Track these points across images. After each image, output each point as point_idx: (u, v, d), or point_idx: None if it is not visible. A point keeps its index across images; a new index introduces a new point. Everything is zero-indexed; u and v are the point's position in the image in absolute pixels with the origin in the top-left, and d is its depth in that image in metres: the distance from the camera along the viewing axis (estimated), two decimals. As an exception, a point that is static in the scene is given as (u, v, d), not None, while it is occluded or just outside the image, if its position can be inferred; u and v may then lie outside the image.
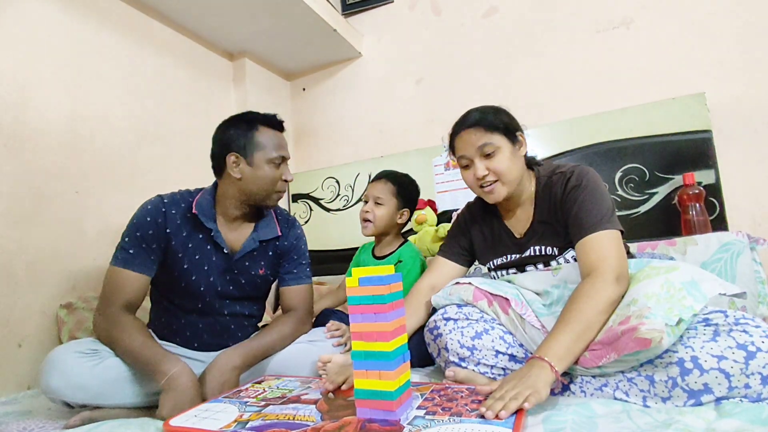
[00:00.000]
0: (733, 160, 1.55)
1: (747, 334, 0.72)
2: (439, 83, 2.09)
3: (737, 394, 0.70)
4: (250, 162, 1.09)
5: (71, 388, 0.89)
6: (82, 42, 1.51)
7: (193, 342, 1.11)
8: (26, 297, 1.28)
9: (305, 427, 0.68)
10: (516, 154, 1.03)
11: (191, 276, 1.08)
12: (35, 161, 1.34)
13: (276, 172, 1.11)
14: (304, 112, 2.43)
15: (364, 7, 2.25)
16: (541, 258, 1.04)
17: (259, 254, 1.16)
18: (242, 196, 1.11)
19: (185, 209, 1.10)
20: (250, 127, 1.10)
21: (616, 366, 0.79)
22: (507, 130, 1.02)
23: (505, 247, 1.10)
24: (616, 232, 0.93)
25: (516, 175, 1.02)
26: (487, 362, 0.95)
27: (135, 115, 1.65)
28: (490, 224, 1.14)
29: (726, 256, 1.23)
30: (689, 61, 1.64)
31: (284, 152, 1.13)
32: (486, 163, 1.01)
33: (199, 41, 1.99)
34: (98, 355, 0.95)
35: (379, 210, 1.39)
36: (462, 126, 1.04)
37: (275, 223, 1.20)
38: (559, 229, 1.01)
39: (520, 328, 0.95)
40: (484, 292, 1.00)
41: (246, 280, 1.15)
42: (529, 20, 1.91)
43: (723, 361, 0.71)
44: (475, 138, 1.01)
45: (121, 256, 1.03)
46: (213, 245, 1.10)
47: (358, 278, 0.72)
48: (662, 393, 0.75)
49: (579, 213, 0.95)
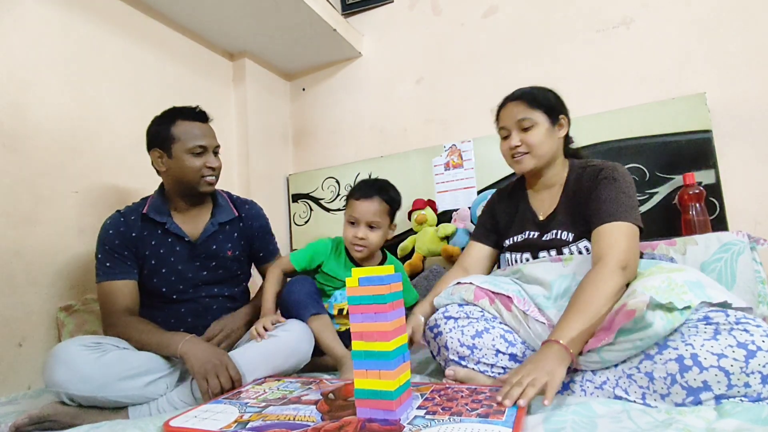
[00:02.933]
0: (733, 160, 1.55)
1: (747, 333, 0.71)
2: (439, 83, 2.09)
3: (737, 393, 0.70)
4: (170, 155, 1.17)
5: (76, 380, 0.90)
6: (82, 42, 1.51)
7: (179, 327, 1.15)
8: (26, 297, 1.28)
9: (305, 427, 0.68)
10: (552, 133, 1.09)
11: (161, 269, 1.17)
12: (35, 161, 1.34)
13: (198, 161, 1.17)
14: (304, 112, 2.43)
15: (364, 7, 2.25)
16: (556, 242, 1.06)
17: (224, 237, 1.25)
18: (178, 187, 1.20)
19: (140, 212, 1.19)
20: (168, 121, 1.18)
21: (616, 353, 0.79)
22: (549, 110, 1.08)
23: (528, 225, 1.13)
24: (633, 226, 0.95)
25: (546, 150, 1.08)
26: (487, 361, 0.95)
27: (135, 115, 1.65)
28: (516, 204, 1.19)
29: (726, 256, 1.23)
30: (689, 61, 1.64)
31: (203, 141, 1.18)
32: (522, 135, 1.08)
33: (199, 41, 1.99)
34: (101, 348, 0.97)
35: (374, 235, 1.26)
36: (508, 99, 1.13)
37: (230, 206, 1.29)
38: (578, 218, 1.04)
39: (524, 324, 0.96)
40: (485, 291, 1.00)
41: (216, 263, 1.23)
42: (529, 20, 1.91)
43: (723, 359, 0.71)
44: (516, 111, 1.09)
45: (101, 271, 1.13)
46: (173, 237, 1.19)
47: (358, 278, 0.72)
48: (661, 390, 0.75)
49: (601, 202, 0.99)
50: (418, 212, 1.88)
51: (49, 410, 0.93)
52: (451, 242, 1.82)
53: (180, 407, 0.97)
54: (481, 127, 1.92)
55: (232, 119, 2.13)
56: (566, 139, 1.15)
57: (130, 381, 0.95)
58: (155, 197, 1.22)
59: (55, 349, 0.94)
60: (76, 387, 0.90)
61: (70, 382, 0.90)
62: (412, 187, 2.02)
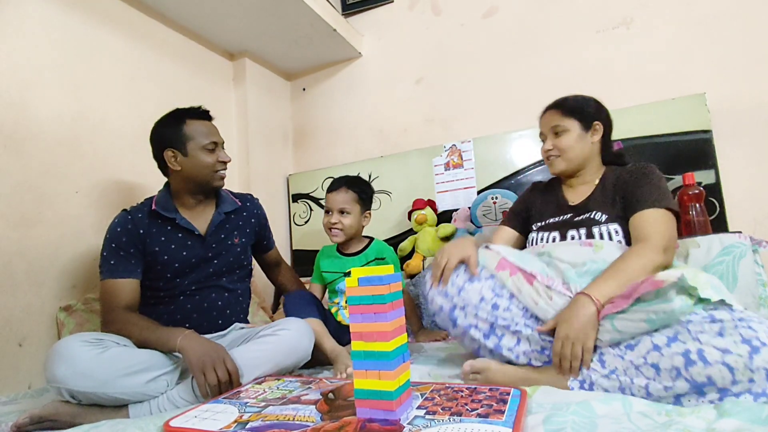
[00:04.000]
0: (733, 160, 1.55)
1: (752, 329, 0.73)
2: (438, 83, 2.09)
3: (741, 389, 0.71)
4: (185, 153, 1.20)
5: (77, 376, 0.90)
6: (82, 42, 1.51)
7: (183, 324, 1.17)
8: (26, 296, 1.28)
9: (305, 427, 0.68)
10: (584, 139, 1.16)
11: (174, 264, 1.19)
12: (35, 161, 1.34)
13: (212, 157, 1.22)
14: (304, 112, 2.43)
15: (364, 7, 2.25)
16: (587, 221, 1.10)
17: (230, 225, 1.30)
18: (189, 185, 1.23)
19: (148, 210, 1.21)
20: (178, 122, 1.22)
21: (629, 323, 0.83)
22: (583, 117, 1.16)
23: (559, 209, 1.19)
24: (670, 213, 1.02)
25: (577, 155, 1.16)
26: (471, 303, 0.99)
27: (135, 115, 1.65)
28: (551, 193, 1.26)
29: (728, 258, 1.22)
30: (689, 61, 1.64)
31: (215, 138, 1.24)
32: (554, 140, 1.18)
33: (199, 41, 1.99)
34: (103, 344, 0.97)
35: (346, 219, 1.43)
36: (547, 107, 1.22)
37: (232, 198, 1.35)
38: (613, 203, 1.10)
39: (545, 296, 0.96)
40: (510, 264, 1.02)
41: (226, 251, 1.27)
42: (529, 20, 1.91)
43: (728, 356, 0.72)
44: (551, 118, 1.19)
45: (105, 269, 1.14)
46: (183, 231, 1.22)
47: (357, 278, 0.72)
48: (666, 382, 0.77)
49: (640, 190, 1.05)
50: (418, 212, 1.88)
51: (50, 409, 0.93)
52: (451, 242, 1.82)
53: (181, 405, 0.97)
54: (481, 127, 1.93)
55: (232, 119, 2.13)
56: (605, 143, 1.20)
57: (131, 378, 0.95)
58: (161, 196, 1.24)
59: (56, 345, 0.94)
60: (77, 383, 0.90)
61: (71, 378, 0.90)
62: (412, 187, 2.03)
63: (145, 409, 0.96)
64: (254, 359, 1.03)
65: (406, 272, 1.84)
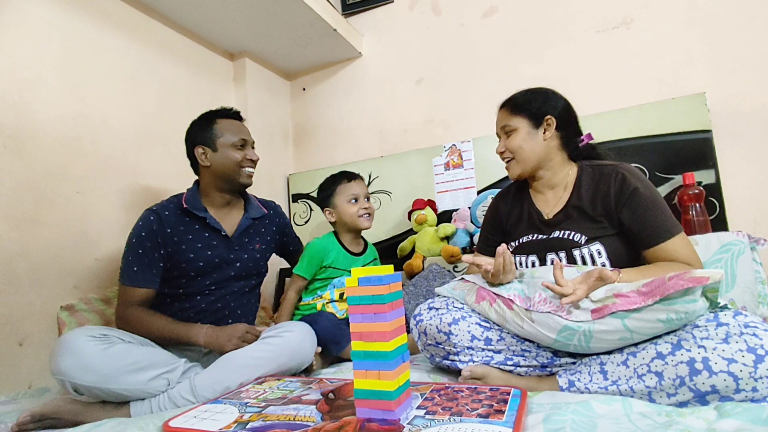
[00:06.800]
0: (733, 160, 1.55)
1: (757, 337, 0.72)
2: (439, 83, 2.09)
3: (744, 397, 0.71)
4: (214, 149, 1.26)
5: (82, 370, 0.91)
6: (82, 42, 1.51)
7: (197, 322, 1.19)
8: (27, 296, 1.29)
9: (305, 427, 0.68)
10: (535, 136, 1.09)
11: (198, 263, 1.21)
12: (36, 162, 1.34)
13: (240, 153, 1.27)
14: (304, 112, 2.43)
15: (364, 7, 2.25)
16: (567, 243, 1.02)
17: (254, 231, 1.35)
18: (218, 182, 1.27)
19: (176, 208, 1.24)
20: (210, 121, 1.28)
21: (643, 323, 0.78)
22: (530, 113, 1.09)
23: (533, 226, 1.11)
24: (685, 234, 0.98)
25: (529, 155, 1.09)
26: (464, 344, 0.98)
27: (135, 115, 1.66)
28: (521, 203, 1.18)
29: (726, 256, 1.23)
30: (689, 61, 1.64)
31: (244, 136, 1.30)
32: (505, 141, 1.12)
33: (199, 41, 1.99)
34: (108, 340, 0.98)
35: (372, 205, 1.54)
36: (499, 107, 1.17)
37: (258, 204, 1.40)
38: (593, 219, 1.02)
39: (526, 320, 0.91)
40: (487, 291, 1.00)
41: (248, 255, 1.30)
42: (529, 20, 1.91)
43: (732, 365, 0.71)
44: (500, 118, 1.15)
45: (127, 275, 1.16)
46: (210, 231, 1.25)
47: (357, 278, 0.72)
48: (669, 389, 0.76)
49: (648, 222, 0.97)
50: (418, 212, 1.88)
51: (52, 408, 0.93)
52: (451, 242, 1.82)
53: (181, 404, 0.97)
54: (481, 127, 1.93)
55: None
56: (566, 138, 1.10)
57: (135, 375, 0.96)
58: (190, 194, 1.27)
59: (62, 339, 0.96)
60: (81, 377, 0.91)
61: (76, 371, 0.91)
62: (412, 187, 2.03)
63: (146, 407, 0.97)
64: (257, 359, 1.04)
65: (406, 272, 1.84)
